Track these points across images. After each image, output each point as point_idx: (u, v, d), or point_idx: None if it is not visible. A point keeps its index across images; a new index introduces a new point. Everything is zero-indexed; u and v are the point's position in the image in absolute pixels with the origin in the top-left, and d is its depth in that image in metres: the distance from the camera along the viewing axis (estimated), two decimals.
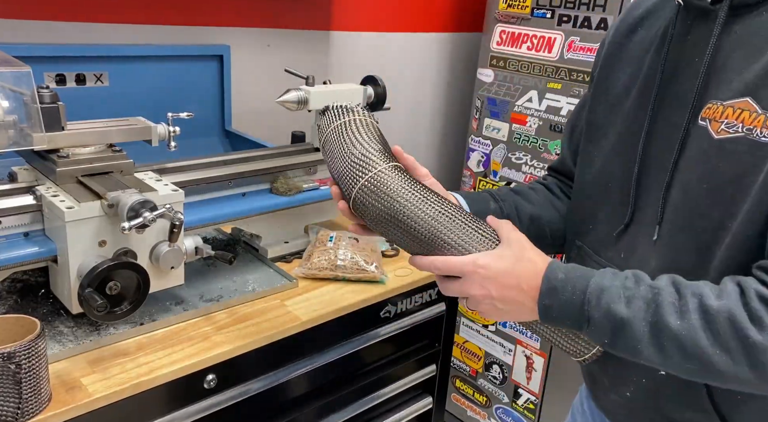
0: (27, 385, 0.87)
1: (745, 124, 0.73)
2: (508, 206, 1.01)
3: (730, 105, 0.75)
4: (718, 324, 0.66)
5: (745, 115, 0.73)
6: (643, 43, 0.90)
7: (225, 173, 1.27)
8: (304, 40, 1.95)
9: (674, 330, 0.68)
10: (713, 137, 0.76)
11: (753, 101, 0.73)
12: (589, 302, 0.74)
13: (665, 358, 0.69)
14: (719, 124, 0.76)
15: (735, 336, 0.65)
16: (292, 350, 1.22)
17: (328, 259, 1.35)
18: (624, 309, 0.71)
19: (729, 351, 0.65)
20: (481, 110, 2.15)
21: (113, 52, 1.53)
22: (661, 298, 0.70)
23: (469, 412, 2.41)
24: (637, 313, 0.71)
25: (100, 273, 0.97)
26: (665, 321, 0.69)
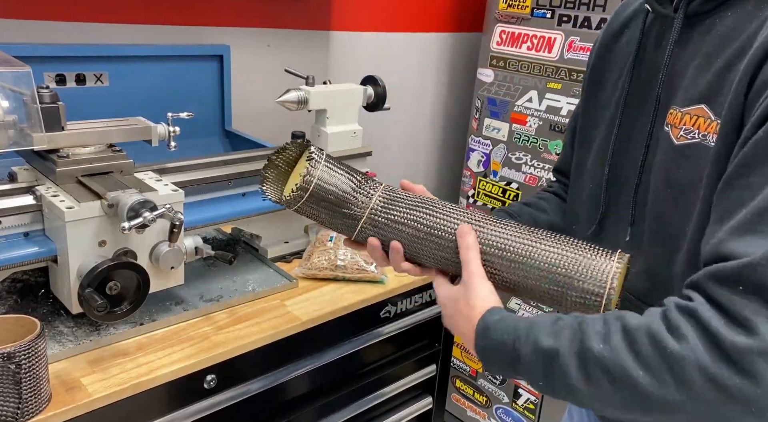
0: (27, 385, 0.87)
1: (701, 130, 0.75)
2: (525, 221, 1.01)
3: (687, 112, 0.77)
4: (638, 341, 0.62)
5: (701, 121, 0.75)
6: (627, 47, 0.92)
7: (225, 173, 1.27)
8: (304, 40, 1.95)
9: (597, 354, 0.64)
10: (674, 143, 0.78)
11: (707, 108, 0.74)
12: (519, 339, 0.71)
13: (595, 388, 0.64)
14: (678, 130, 0.78)
15: (654, 350, 0.61)
16: (292, 350, 1.22)
17: (328, 259, 1.35)
18: (551, 341, 0.68)
19: (651, 368, 0.60)
20: (481, 110, 2.15)
21: (113, 52, 1.53)
22: (585, 325, 0.67)
23: (469, 412, 2.41)
24: (564, 343, 0.67)
25: (100, 273, 0.97)
26: (589, 347, 0.64)
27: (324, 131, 1.45)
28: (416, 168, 2.49)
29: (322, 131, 1.45)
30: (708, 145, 0.73)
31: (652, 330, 0.62)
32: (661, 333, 0.61)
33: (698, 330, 0.59)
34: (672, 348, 0.59)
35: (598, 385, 0.64)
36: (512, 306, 2.15)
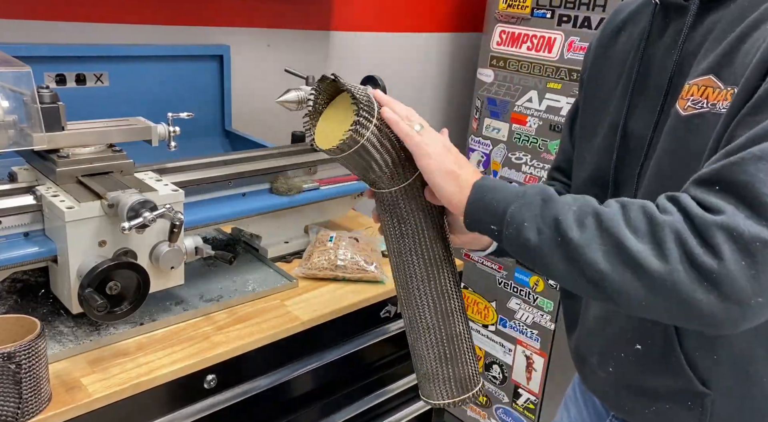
0: (27, 385, 0.87)
1: (709, 99, 0.75)
2: None
3: (695, 83, 0.78)
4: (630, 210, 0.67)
5: (709, 91, 0.76)
6: (626, 45, 0.94)
7: (225, 173, 1.27)
8: (304, 40, 1.95)
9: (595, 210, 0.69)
10: (681, 114, 0.79)
11: (716, 78, 0.75)
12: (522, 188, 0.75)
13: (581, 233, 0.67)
14: (685, 101, 0.78)
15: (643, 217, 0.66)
16: (292, 350, 1.22)
17: (328, 259, 1.35)
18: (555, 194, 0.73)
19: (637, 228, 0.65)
20: (481, 110, 2.15)
21: (113, 52, 1.53)
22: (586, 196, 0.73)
23: (469, 412, 2.41)
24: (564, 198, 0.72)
25: (100, 273, 0.97)
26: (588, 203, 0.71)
27: None
28: None
29: None
30: (717, 112, 0.74)
31: (644, 205, 0.68)
32: (651, 207, 0.67)
33: (680, 210, 0.65)
34: (657, 217, 0.65)
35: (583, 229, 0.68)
36: (512, 306, 2.15)
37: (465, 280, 2.27)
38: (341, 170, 1.49)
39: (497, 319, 2.21)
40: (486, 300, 2.24)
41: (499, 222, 0.75)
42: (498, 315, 2.21)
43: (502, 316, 2.20)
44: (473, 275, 2.25)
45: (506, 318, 2.19)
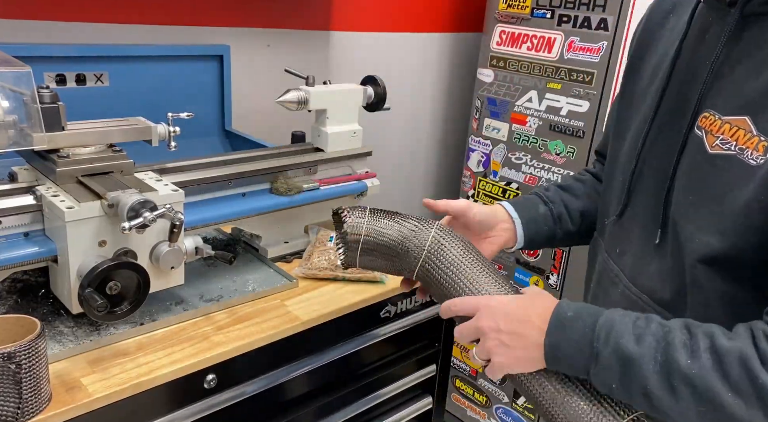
0: (27, 385, 0.87)
1: (739, 143, 0.71)
2: (557, 207, 1.02)
3: (727, 121, 0.73)
4: (728, 364, 0.63)
5: (740, 134, 0.71)
6: (672, 32, 0.88)
7: (225, 173, 1.27)
8: (304, 40, 1.95)
9: (684, 369, 0.65)
10: (707, 151, 0.74)
11: (750, 121, 0.71)
12: (599, 339, 0.70)
13: (677, 400, 0.65)
14: (715, 138, 0.74)
15: (746, 377, 0.62)
16: (292, 350, 1.22)
17: (328, 259, 1.35)
18: (634, 346, 0.68)
19: (740, 393, 0.62)
20: (481, 110, 2.15)
21: (113, 52, 1.53)
22: (672, 336, 0.67)
23: (469, 412, 2.41)
24: (647, 351, 0.67)
25: (100, 273, 0.97)
26: (675, 360, 0.65)
27: (324, 131, 1.45)
28: (416, 168, 2.49)
29: (322, 131, 1.45)
30: (744, 160, 0.70)
31: (743, 357, 0.63)
32: (753, 360, 0.62)
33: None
34: (764, 380, 0.61)
35: (680, 398, 0.65)
36: None
37: None
38: (341, 170, 1.49)
39: None
40: None
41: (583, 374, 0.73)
42: None
43: None
44: None
45: None
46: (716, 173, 0.73)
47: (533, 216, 1.01)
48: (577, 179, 1.08)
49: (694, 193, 0.76)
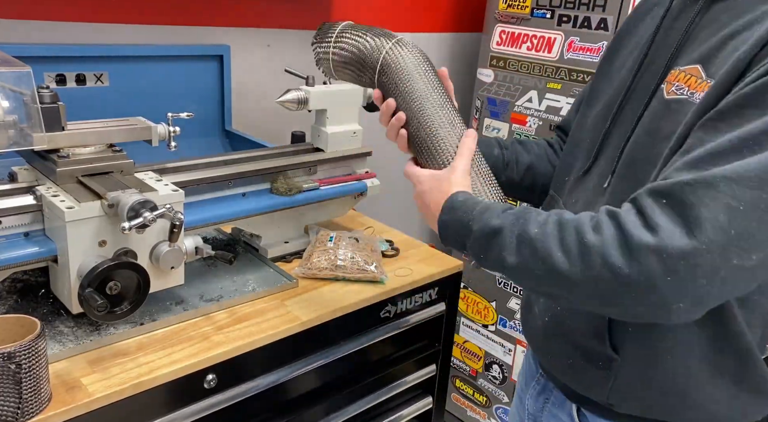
0: (27, 385, 0.87)
1: (690, 88, 0.79)
2: (509, 154, 1.10)
3: (683, 70, 0.82)
4: (566, 231, 0.74)
5: (692, 80, 0.79)
6: (654, 18, 0.95)
7: (225, 173, 1.27)
8: (304, 40, 1.95)
9: (531, 235, 0.77)
10: (664, 97, 0.83)
11: (701, 68, 0.79)
12: (473, 219, 0.84)
13: (519, 261, 0.77)
14: (671, 85, 0.83)
15: (575, 238, 0.73)
16: (292, 350, 1.22)
17: (328, 259, 1.35)
18: (497, 221, 0.81)
19: (568, 252, 0.73)
20: (481, 110, 2.15)
21: (113, 52, 1.53)
22: (529, 214, 0.80)
23: (469, 412, 2.41)
24: (506, 224, 0.80)
25: (100, 273, 0.97)
26: (527, 230, 0.77)
27: (324, 131, 1.45)
28: None
29: (322, 131, 1.46)
30: (693, 102, 0.77)
31: (579, 224, 0.74)
32: (585, 226, 0.74)
33: (615, 227, 0.71)
34: (588, 239, 0.72)
35: (521, 257, 0.77)
36: (512, 306, 2.15)
37: (465, 280, 2.28)
38: (341, 170, 1.49)
39: (497, 319, 2.22)
40: (486, 300, 2.24)
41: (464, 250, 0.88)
42: (498, 315, 2.21)
43: (502, 316, 2.20)
44: (473, 275, 2.25)
45: (506, 318, 2.19)
46: (669, 115, 0.81)
47: (486, 153, 1.08)
48: (533, 142, 1.17)
49: (649, 134, 0.84)
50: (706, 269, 0.66)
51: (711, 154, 0.69)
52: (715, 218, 0.65)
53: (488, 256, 0.82)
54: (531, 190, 1.12)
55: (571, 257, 0.73)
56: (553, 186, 1.07)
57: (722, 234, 0.65)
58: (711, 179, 0.67)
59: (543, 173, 1.12)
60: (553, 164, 1.13)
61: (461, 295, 2.27)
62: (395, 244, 1.54)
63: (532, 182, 1.12)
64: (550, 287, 0.77)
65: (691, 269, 0.66)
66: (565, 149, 1.07)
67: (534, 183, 1.12)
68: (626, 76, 0.94)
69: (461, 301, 2.29)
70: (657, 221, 0.68)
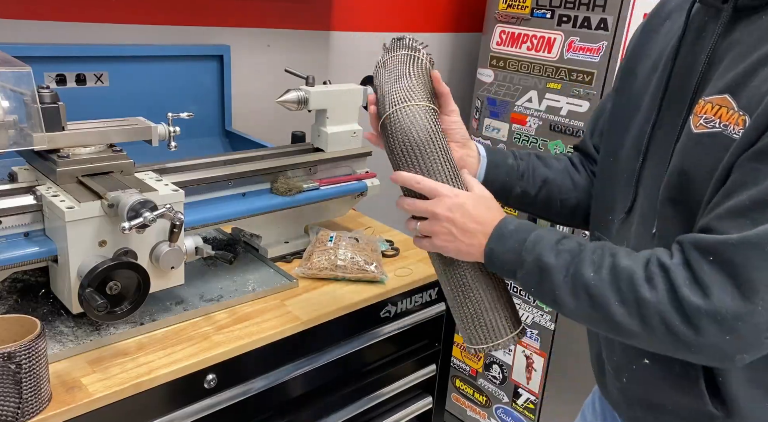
0: (27, 385, 0.87)
1: (722, 120, 0.75)
2: (524, 165, 1.06)
3: (709, 101, 0.77)
4: (621, 280, 0.74)
5: (723, 111, 0.75)
6: (666, 37, 0.92)
7: (225, 173, 1.27)
8: (304, 40, 1.96)
9: (587, 280, 0.76)
10: (693, 131, 0.79)
11: (731, 98, 0.75)
12: (526, 250, 0.83)
13: (577, 304, 0.78)
14: (699, 118, 0.78)
15: (631, 291, 0.73)
16: (292, 350, 1.22)
17: (328, 259, 1.35)
18: (552, 259, 0.80)
19: (626, 304, 0.73)
20: (481, 110, 2.15)
21: (113, 52, 1.53)
22: (584, 254, 0.79)
23: (469, 412, 2.41)
24: (561, 263, 0.79)
25: (100, 273, 0.97)
26: (582, 273, 0.77)
27: (324, 131, 1.45)
28: None
29: (322, 131, 1.46)
30: (728, 135, 0.73)
31: (633, 275, 0.74)
32: (639, 278, 0.73)
33: (666, 283, 0.72)
34: (643, 294, 0.72)
35: (579, 302, 0.77)
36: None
37: None
38: (341, 170, 1.49)
39: None
40: None
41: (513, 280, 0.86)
42: None
43: None
44: None
45: None
46: (703, 151, 0.77)
47: (498, 162, 1.05)
48: (553, 156, 1.12)
49: (683, 173, 0.80)
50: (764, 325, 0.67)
51: (755, 201, 0.68)
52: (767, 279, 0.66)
53: (541, 291, 0.82)
54: (547, 205, 1.07)
55: (629, 310, 0.73)
56: (595, 225, 1.03)
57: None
58: (756, 239, 0.67)
59: (562, 187, 1.07)
60: (573, 179, 1.08)
61: None
62: (395, 244, 1.54)
63: (548, 196, 1.06)
64: (608, 332, 0.78)
65: (751, 328, 0.67)
66: (600, 182, 1.02)
67: (550, 197, 1.06)
68: (651, 105, 0.89)
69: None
70: (707, 281, 0.69)
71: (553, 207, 1.07)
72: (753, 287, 0.66)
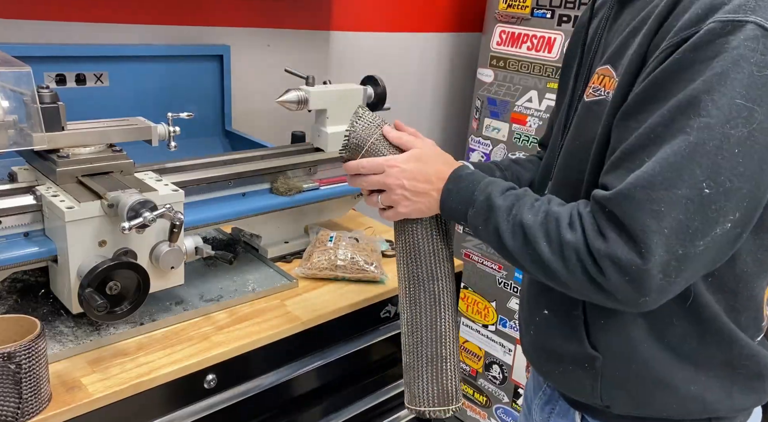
0: (27, 385, 0.87)
1: (606, 88, 0.84)
2: (510, 175, 1.12)
3: (597, 71, 0.87)
4: (550, 222, 0.80)
5: (606, 80, 0.84)
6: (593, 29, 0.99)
7: (225, 173, 1.27)
8: (304, 40, 1.95)
9: (524, 220, 0.82)
10: (585, 100, 0.88)
11: (611, 68, 0.84)
12: (479, 189, 0.88)
13: (513, 244, 0.83)
14: (589, 88, 0.87)
15: (556, 232, 0.79)
16: (292, 350, 1.22)
17: (328, 259, 1.35)
18: (499, 199, 0.86)
19: (551, 243, 0.79)
20: (481, 110, 2.15)
21: (113, 52, 1.53)
22: (526, 198, 0.85)
23: (469, 412, 2.41)
24: (506, 204, 0.85)
25: (100, 273, 0.97)
26: (521, 213, 0.83)
27: (324, 131, 1.45)
28: None
29: (322, 131, 1.45)
30: (609, 100, 0.81)
31: (559, 218, 0.80)
32: (563, 222, 0.79)
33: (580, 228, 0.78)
34: (565, 236, 0.78)
35: (515, 241, 0.83)
36: (512, 306, 2.15)
37: (465, 280, 2.27)
38: (341, 170, 1.49)
39: (497, 319, 2.22)
40: (486, 300, 2.24)
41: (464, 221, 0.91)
42: (498, 315, 2.21)
43: (502, 316, 2.20)
44: (473, 275, 2.25)
45: (506, 318, 2.19)
46: (591, 117, 0.85)
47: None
48: (527, 159, 1.19)
49: (575, 138, 0.89)
50: (656, 269, 0.71)
51: (625, 152, 0.75)
52: (644, 225, 0.71)
53: (486, 230, 0.87)
54: None
55: (554, 249, 0.79)
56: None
57: (658, 237, 0.70)
58: (627, 191, 0.72)
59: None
60: None
61: (461, 295, 2.27)
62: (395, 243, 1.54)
63: None
64: (538, 272, 0.83)
65: (643, 272, 0.71)
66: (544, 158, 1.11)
67: None
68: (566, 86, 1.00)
69: (461, 301, 2.29)
70: (604, 230, 0.75)
71: None
72: (635, 235, 0.71)
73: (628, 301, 0.75)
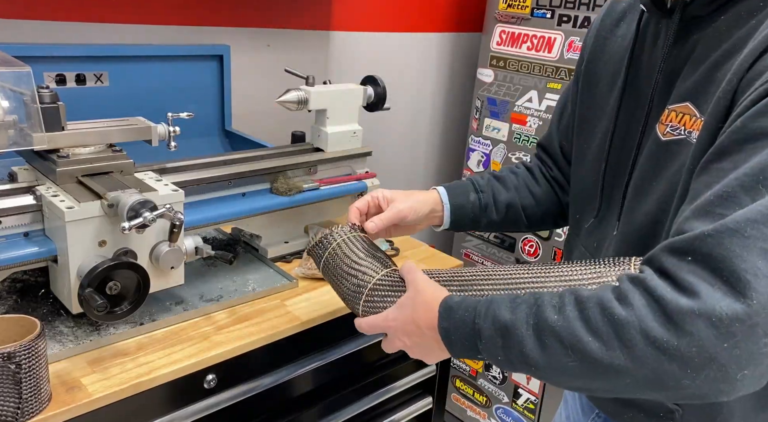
0: (27, 385, 0.87)
1: (686, 127, 0.77)
2: (486, 197, 1.09)
3: (673, 109, 0.80)
4: (589, 310, 0.65)
5: (686, 119, 0.78)
6: (622, 41, 0.94)
7: (225, 173, 1.27)
8: (304, 40, 1.95)
9: (552, 324, 0.67)
10: (661, 139, 0.81)
11: (692, 105, 0.77)
12: (479, 315, 0.74)
13: (549, 357, 0.67)
14: (665, 126, 0.81)
15: (603, 317, 0.64)
16: (292, 350, 1.22)
17: None
18: (509, 315, 0.71)
19: (600, 334, 0.63)
20: (481, 110, 2.15)
21: (113, 52, 1.53)
22: (542, 300, 0.70)
23: (469, 412, 2.41)
24: (521, 316, 0.70)
25: (100, 273, 0.97)
26: (545, 319, 0.68)
27: (324, 131, 1.45)
28: (416, 168, 2.49)
29: (322, 131, 1.46)
30: (691, 141, 0.75)
31: (602, 300, 0.65)
32: (610, 301, 0.64)
33: (644, 296, 0.63)
34: (618, 314, 0.63)
35: (552, 353, 0.67)
36: None
37: None
38: (341, 170, 1.49)
39: None
40: None
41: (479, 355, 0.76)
42: None
43: None
44: None
45: None
46: (670, 158, 0.79)
47: (462, 203, 1.08)
48: (511, 172, 1.16)
49: (650, 179, 0.82)
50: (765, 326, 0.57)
51: (721, 197, 0.63)
52: (755, 268, 0.58)
53: (508, 355, 0.71)
54: (515, 224, 1.13)
55: (605, 339, 0.63)
56: (571, 225, 1.06)
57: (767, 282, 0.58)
58: (734, 225, 0.60)
59: (525, 205, 1.11)
60: (533, 193, 1.12)
61: None
62: (395, 244, 1.54)
63: (514, 218, 1.11)
64: (592, 381, 0.66)
65: (749, 329, 0.57)
66: (574, 187, 1.04)
67: (516, 219, 1.12)
68: (611, 113, 0.91)
69: None
70: (690, 282, 0.60)
71: (521, 224, 1.13)
72: (742, 279, 0.58)
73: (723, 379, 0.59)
